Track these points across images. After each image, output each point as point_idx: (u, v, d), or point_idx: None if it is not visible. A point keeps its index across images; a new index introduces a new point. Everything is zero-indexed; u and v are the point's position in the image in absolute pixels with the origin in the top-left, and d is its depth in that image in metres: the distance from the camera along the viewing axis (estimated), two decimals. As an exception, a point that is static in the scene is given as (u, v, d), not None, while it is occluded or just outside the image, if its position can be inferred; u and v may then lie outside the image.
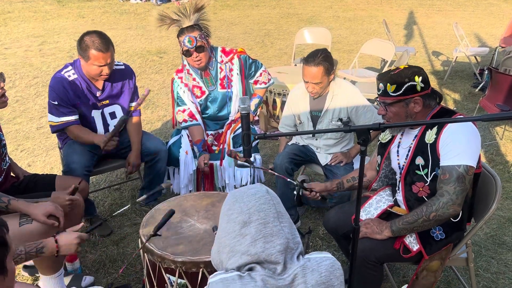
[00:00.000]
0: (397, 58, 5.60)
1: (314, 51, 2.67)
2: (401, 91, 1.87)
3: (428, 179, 1.91)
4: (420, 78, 1.87)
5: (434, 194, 1.89)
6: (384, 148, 2.16)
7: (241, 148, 3.03)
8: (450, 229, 1.95)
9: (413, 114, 1.93)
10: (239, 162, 2.33)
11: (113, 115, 2.87)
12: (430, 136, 1.90)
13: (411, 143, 1.98)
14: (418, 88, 1.87)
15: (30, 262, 2.48)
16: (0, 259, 1.12)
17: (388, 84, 1.89)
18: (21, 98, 5.49)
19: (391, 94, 1.89)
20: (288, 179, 2.39)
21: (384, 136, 2.18)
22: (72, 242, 1.83)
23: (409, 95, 1.88)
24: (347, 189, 2.33)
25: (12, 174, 2.50)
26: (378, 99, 1.98)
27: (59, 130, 2.73)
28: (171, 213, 1.82)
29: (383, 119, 2.03)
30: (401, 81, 1.87)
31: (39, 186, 2.43)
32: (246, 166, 2.37)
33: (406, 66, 1.92)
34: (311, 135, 2.92)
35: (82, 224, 1.95)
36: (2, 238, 1.13)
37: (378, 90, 1.95)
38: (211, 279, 1.19)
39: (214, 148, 3.10)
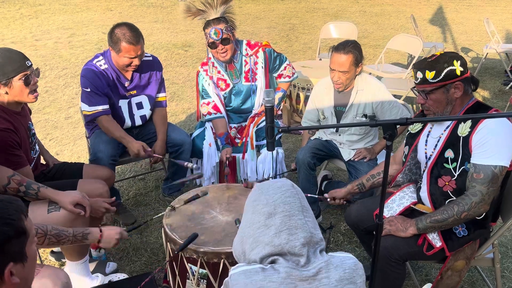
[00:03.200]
0: (425, 54, 5.49)
1: (345, 40, 2.66)
2: (441, 77, 1.82)
3: (456, 173, 1.86)
4: (459, 62, 1.81)
5: (460, 189, 1.86)
6: (413, 139, 2.11)
7: (264, 142, 3.04)
8: (473, 226, 1.91)
9: (454, 100, 1.87)
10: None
11: (139, 105, 2.92)
12: (463, 129, 1.85)
13: (442, 133, 1.93)
14: (458, 72, 1.81)
15: (57, 248, 2.56)
16: (19, 247, 1.11)
17: (427, 71, 1.83)
18: (50, 89, 5.63)
19: (430, 81, 1.84)
20: (309, 195, 2.39)
21: (414, 127, 2.13)
22: (113, 237, 1.90)
23: (450, 80, 1.82)
24: (369, 189, 2.30)
25: (42, 161, 2.58)
26: (415, 88, 1.92)
27: (93, 120, 2.80)
28: (194, 236, 1.86)
29: (422, 108, 1.98)
30: (440, 66, 1.81)
31: (67, 173, 2.50)
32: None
33: (442, 52, 1.86)
34: (334, 130, 2.89)
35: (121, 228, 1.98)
36: (20, 227, 1.11)
37: (416, 79, 1.89)
38: (233, 270, 1.20)
39: (237, 141, 3.12)
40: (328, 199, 2.34)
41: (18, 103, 2.17)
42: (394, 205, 2.09)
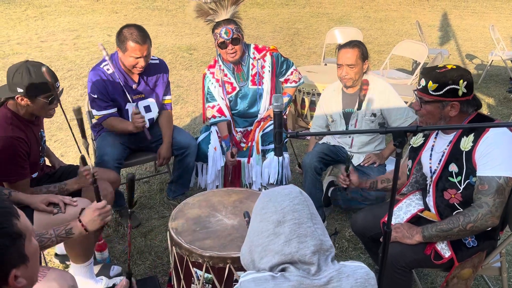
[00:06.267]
0: (430, 60, 5.48)
1: (350, 40, 2.75)
2: (441, 92, 1.80)
3: (461, 186, 1.85)
4: (465, 83, 1.79)
5: (466, 201, 1.85)
6: (415, 153, 2.10)
7: (269, 146, 3.03)
8: (482, 237, 1.90)
9: (447, 117, 1.87)
10: None
11: (147, 108, 2.92)
12: (466, 143, 1.83)
13: (445, 148, 1.92)
14: (460, 93, 1.80)
15: (62, 251, 2.56)
16: (18, 252, 1.04)
17: (431, 81, 1.82)
18: (56, 90, 5.64)
19: (430, 92, 1.82)
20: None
21: (416, 140, 2.12)
22: (93, 218, 1.82)
23: (448, 97, 1.81)
24: (380, 190, 2.30)
25: (48, 163, 2.58)
26: (416, 93, 1.91)
27: (102, 122, 2.81)
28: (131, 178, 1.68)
29: (416, 114, 1.97)
30: (444, 81, 1.79)
31: (72, 176, 2.49)
32: None
33: (454, 66, 1.84)
34: (343, 132, 2.92)
35: (104, 202, 1.89)
36: (14, 233, 1.03)
37: (419, 84, 1.89)
38: (242, 278, 1.18)
39: (242, 145, 3.11)
40: (349, 173, 2.28)
41: (33, 114, 2.19)
42: (401, 212, 2.08)
